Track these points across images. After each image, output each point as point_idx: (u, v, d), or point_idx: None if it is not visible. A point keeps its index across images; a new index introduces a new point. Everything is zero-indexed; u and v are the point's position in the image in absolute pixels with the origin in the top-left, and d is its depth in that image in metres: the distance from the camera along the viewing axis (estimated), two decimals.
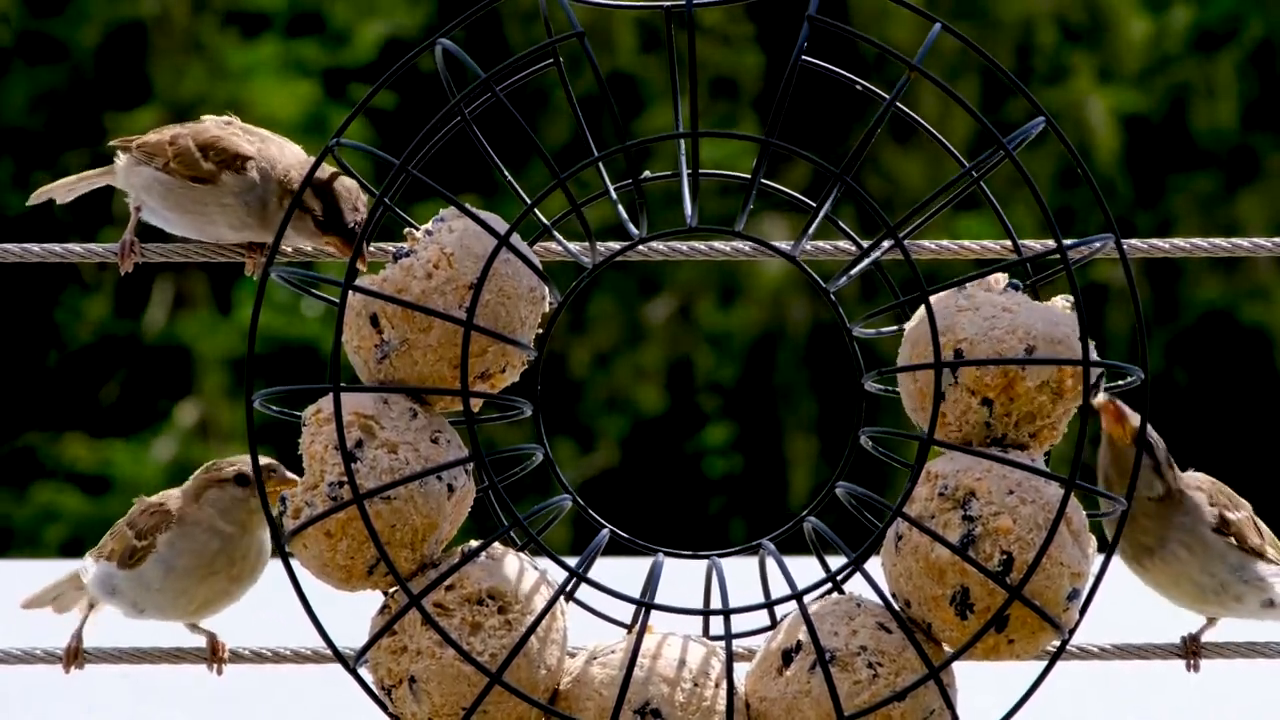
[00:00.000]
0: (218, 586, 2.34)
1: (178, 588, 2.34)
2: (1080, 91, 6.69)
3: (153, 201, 2.39)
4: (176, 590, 2.34)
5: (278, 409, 2.15)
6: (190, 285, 6.70)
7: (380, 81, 2.09)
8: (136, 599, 2.36)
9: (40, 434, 6.77)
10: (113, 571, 2.36)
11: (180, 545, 2.33)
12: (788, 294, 6.61)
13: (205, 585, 2.34)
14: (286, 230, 2.29)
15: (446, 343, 2.10)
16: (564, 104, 2.16)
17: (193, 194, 2.36)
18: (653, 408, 6.68)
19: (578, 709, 2.10)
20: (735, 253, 2.40)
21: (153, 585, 2.34)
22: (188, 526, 2.33)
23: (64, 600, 2.46)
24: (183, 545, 2.33)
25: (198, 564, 2.33)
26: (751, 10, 2.15)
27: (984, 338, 2.10)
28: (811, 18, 2.06)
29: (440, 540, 2.11)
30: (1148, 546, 2.33)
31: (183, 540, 2.33)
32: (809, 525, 2.25)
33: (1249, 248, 2.44)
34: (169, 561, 2.33)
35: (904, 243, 2.08)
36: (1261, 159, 6.76)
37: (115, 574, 2.36)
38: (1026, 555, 2.05)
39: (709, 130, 2.08)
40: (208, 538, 2.32)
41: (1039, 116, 2.09)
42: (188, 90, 6.80)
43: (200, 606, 2.36)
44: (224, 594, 2.35)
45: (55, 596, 2.46)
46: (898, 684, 2.08)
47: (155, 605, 2.36)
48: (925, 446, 2.09)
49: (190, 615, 2.37)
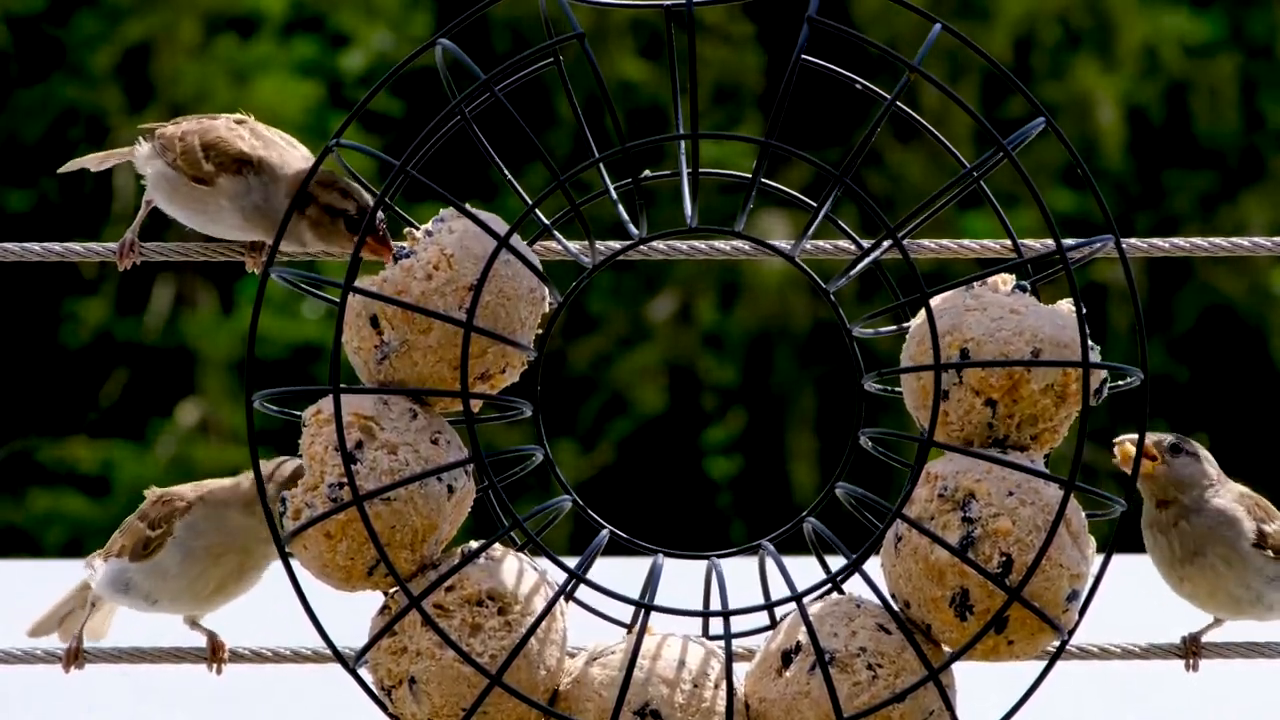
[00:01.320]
0: (230, 566, 2.33)
1: (194, 571, 2.33)
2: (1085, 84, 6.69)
3: (160, 196, 2.39)
4: (193, 575, 2.33)
5: (278, 410, 2.15)
6: (191, 285, 6.71)
7: (380, 82, 2.09)
8: (151, 589, 2.35)
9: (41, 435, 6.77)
10: (125, 566, 2.35)
11: (202, 527, 2.32)
12: (788, 294, 6.61)
13: (219, 566, 2.33)
14: (305, 236, 2.29)
15: (446, 344, 2.10)
16: (564, 104, 2.16)
17: (194, 193, 2.36)
18: (653, 408, 6.68)
19: (577, 710, 2.10)
20: (735, 252, 2.40)
21: (169, 571, 2.33)
22: (218, 513, 2.32)
23: (70, 622, 2.45)
24: (205, 527, 2.32)
25: (214, 549, 2.32)
26: (752, 10, 2.15)
27: (990, 338, 2.10)
28: (811, 19, 2.06)
29: (440, 541, 2.11)
30: (1188, 552, 2.34)
31: (209, 521, 2.32)
32: (809, 526, 2.24)
33: (1249, 247, 2.44)
34: (185, 544, 2.32)
35: (904, 243, 2.08)
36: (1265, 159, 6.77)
37: (128, 568, 2.35)
38: (1026, 557, 2.05)
39: (709, 132, 2.08)
40: (233, 530, 2.31)
41: (1040, 116, 2.09)
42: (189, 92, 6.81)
43: (215, 590, 2.34)
44: (232, 583, 2.34)
45: (61, 620, 2.46)
46: (897, 685, 2.08)
47: (170, 594, 2.35)
48: (925, 447, 2.09)
49: (205, 601, 2.36)
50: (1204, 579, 2.35)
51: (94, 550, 2.41)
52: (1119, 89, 6.75)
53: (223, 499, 2.33)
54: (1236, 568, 2.34)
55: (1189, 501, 2.34)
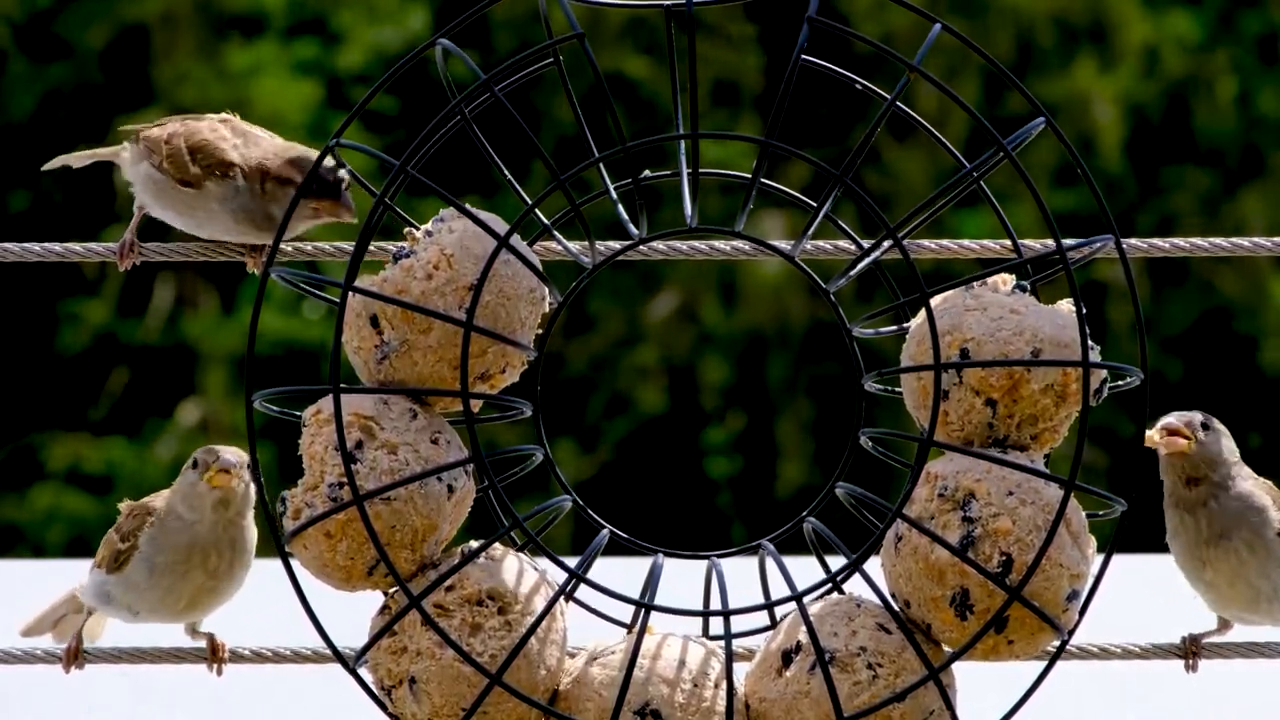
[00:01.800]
0: (196, 582, 2.33)
1: (164, 585, 2.33)
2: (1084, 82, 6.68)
3: (149, 199, 2.39)
4: (163, 588, 2.33)
5: (278, 409, 2.15)
6: (192, 284, 6.70)
7: (380, 82, 2.09)
8: (130, 602, 2.35)
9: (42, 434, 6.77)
10: (104, 579, 2.35)
11: (160, 540, 2.32)
12: (788, 294, 6.61)
13: (186, 581, 2.32)
14: (274, 210, 2.29)
15: (446, 344, 2.10)
16: (564, 104, 2.16)
17: (182, 196, 2.36)
18: (653, 408, 6.68)
19: (577, 710, 2.10)
20: (735, 252, 2.40)
21: (140, 585, 2.33)
22: (164, 519, 2.32)
23: (65, 625, 2.44)
24: (162, 540, 2.32)
25: (175, 559, 2.31)
26: (752, 10, 2.15)
27: (991, 338, 2.10)
28: (811, 18, 2.06)
29: (440, 541, 2.11)
30: (1215, 534, 2.33)
31: (162, 535, 2.32)
32: (809, 526, 2.25)
33: (1249, 247, 2.44)
34: (150, 559, 2.32)
35: (903, 243, 2.08)
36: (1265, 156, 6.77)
37: (106, 580, 2.35)
38: (1026, 556, 2.05)
39: (709, 132, 2.08)
40: (178, 529, 2.31)
41: (1039, 116, 2.09)
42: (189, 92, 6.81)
43: (188, 605, 2.34)
44: (208, 591, 2.33)
45: (55, 622, 2.45)
46: (897, 685, 2.08)
47: (147, 606, 2.35)
48: (925, 447, 2.09)
49: (181, 614, 2.35)
50: (1227, 564, 2.33)
51: (96, 550, 2.41)
52: (1117, 87, 6.75)
53: (168, 512, 2.32)
54: (1259, 555, 2.33)
55: (1218, 479, 2.33)
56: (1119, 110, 6.80)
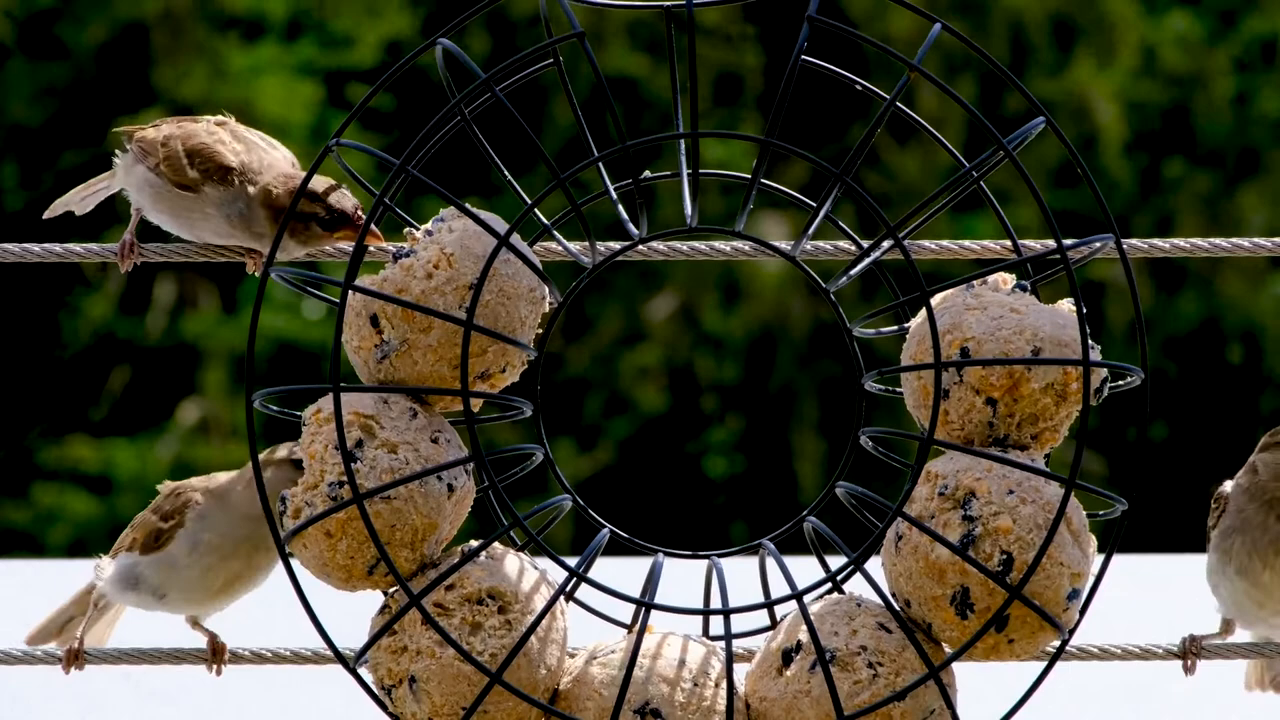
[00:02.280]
0: (234, 570, 2.33)
1: (205, 563, 2.33)
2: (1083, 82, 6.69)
3: (145, 203, 2.39)
4: (203, 566, 2.33)
5: (278, 409, 2.15)
6: (193, 284, 6.71)
7: (380, 82, 2.09)
8: (160, 582, 2.35)
9: (42, 434, 6.77)
10: (135, 560, 2.36)
11: (212, 519, 2.33)
12: (788, 293, 6.62)
13: (226, 565, 2.33)
14: (288, 245, 2.29)
15: (446, 343, 2.10)
16: (564, 104, 2.16)
17: (179, 200, 2.36)
18: (653, 408, 6.68)
19: (577, 709, 2.10)
20: (735, 252, 2.40)
21: (179, 562, 2.34)
22: (223, 503, 2.33)
23: (70, 629, 2.44)
24: (215, 519, 2.33)
25: (223, 541, 2.32)
26: (752, 10, 2.15)
27: (991, 337, 2.10)
28: (811, 18, 2.06)
29: (440, 540, 2.11)
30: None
31: (218, 513, 2.33)
32: (809, 525, 2.25)
33: (1249, 248, 2.44)
34: (197, 536, 2.33)
35: (904, 243, 2.08)
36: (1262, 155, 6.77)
37: (138, 561, 2.35)
38: (1026, 555, 2.05)
39: (709, 131, 2.08)
40: (235, 519, 2.32)
41: (1039, 116, 2.09)
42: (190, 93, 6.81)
43: (223, 587, 2.35)
44: (243, 581, 2.35)
45: (60, 628, 2.45)
46: (898, 684, 2.08)
47: (179, 585, 2.35)
48: (926, 446, 2.09)
49: (214, 596, 2.36)
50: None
51: (97, 550, 2.41)
52: (1116, 87, 6.75)
53: (228, 489, 2.34)
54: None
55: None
56: (1119, 110, 6.80)
